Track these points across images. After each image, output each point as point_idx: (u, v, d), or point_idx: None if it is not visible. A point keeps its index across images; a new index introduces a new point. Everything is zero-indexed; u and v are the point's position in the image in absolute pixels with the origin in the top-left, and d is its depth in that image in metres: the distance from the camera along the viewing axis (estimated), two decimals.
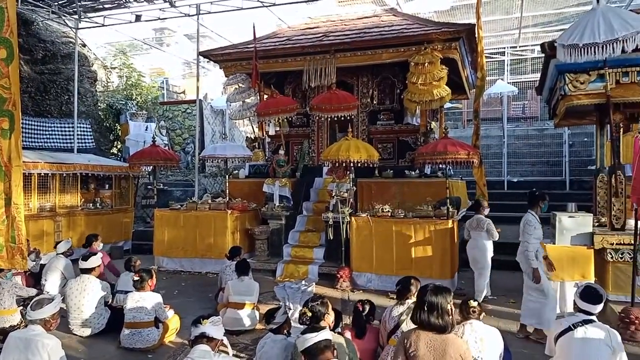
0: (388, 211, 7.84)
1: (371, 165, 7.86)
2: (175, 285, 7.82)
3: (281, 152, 9.86)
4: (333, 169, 8.01)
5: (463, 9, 13.23)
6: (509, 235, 9.88)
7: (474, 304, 3.76)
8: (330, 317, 3.70)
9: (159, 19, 13.30)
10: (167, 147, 14.34)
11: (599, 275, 6.29)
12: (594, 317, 3.69)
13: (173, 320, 5.38)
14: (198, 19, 11.36)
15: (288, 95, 10.63)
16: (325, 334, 3.01)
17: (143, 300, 5.07)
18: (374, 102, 10.34)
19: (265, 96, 10.43)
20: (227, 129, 16.55)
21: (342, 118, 8.71)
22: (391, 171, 9.29)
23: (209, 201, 9.29)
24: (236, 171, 10.83)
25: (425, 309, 2.94)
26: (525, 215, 5.59)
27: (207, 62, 13.99)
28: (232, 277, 5.89)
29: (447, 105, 17.10)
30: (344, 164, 7.65)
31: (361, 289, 7.52)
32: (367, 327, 4.22)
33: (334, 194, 8.00)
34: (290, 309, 4.73)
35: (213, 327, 3.37)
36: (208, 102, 16.59)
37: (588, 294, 3.66)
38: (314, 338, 2.95)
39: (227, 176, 9.62)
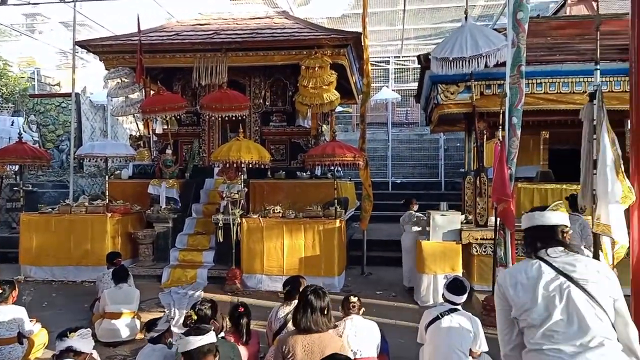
0: (279, 212, 7.91)
1: (263, 167, 7.87)
2: (44, 297, 7.10)
3: (169, 151, 9.44)
4: (224, 169, 7.87)
5: (353, 17, 13.80)
6: (394, 233, 10.56)
7: (353, 299, 3.94)
8: (217, 322, 3.63)
9: (29, 3, 11.97)
10: (37, 144, 12.95)
11: (466, 267, 6.97)
12: (459, 307, 4.08)
13: (40, 335, 4.87)
14: (75, 5, 10.44)
15: (177, 93, 10.21)
16: (210, 337, 2.86)
17: (3, 314, 4.53)
18: (267, 103, 10.36)
19: (152, 92, 9.91)
20: (108, 125, 15.43)
21: (234, 118, 8.59)
22: (283, 172, 9.38)
23: (86, 204, 8.57)
24: (118, 171, 10.14)
25: (304, 310, 3.00)
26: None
27: (87, 53, 12.90)
28: (110, 285, 5.51)
29: (338, 109, 17.71)
30: (235, 165, 7.55)
31: (251, 291, 7.49)
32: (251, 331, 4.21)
33: (224, 195, 7.85)
34: (173, 317, 4.55)
35: (81, 340, 3.12)
36: (87, 96, 15.31)
37: (453, 287, 4.03)
38: (198, 341, 2.78)
39: (107, 177, 8.96)
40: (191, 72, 9.29)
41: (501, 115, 6.08)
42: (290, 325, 4.00)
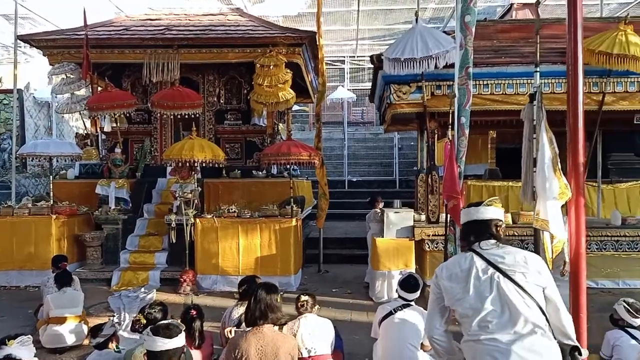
0: (234, 211, 7.82)
1: (218, 166, 7.76)
2: None
3: (118, 150, 9.12)
4: (177, 169, 7.68)
5: (309, 16, 13.81)
6: (350, 231, 10.69)
7: (304, 298, 3.97)
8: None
9: None
10: None
11: (419, 263, 7.15)
12: (411, 302, 4.18)
13: None
14: None
15: (126, 90, 9.88)
16: (179, 341, 2.65)
17: None
18: (221, 101, 10.21)
19: (99, 89, 9.55)
20: (53, 123, 14.72)
21: (187, 116, 8.42)
22: (239, 171, 9.29)
23: (29, 205, 8.16)
24: (64, 171, 9.71)
25: (254, 306, 2.97)
26: None
27: (30, 47, 12.26)
28: (54, 289, 5.27)
29: (295, 107, 17.70)
30: (188, 164, 7.40)
31: (206, 292, 7.37)
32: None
33: (177, 195, 7.68)
34: (120, 321, 4.41)
35: (21, 348, 2.97)
36: (30, 93, 14.53)
37: (405, 284, 4.15)
38: (166, 344, 2.56)
39: (52, 177, 8.55)
40: (141, 68, 9.03)
41: (451, 115, 6.28)
42: (244, 326, 3.97)
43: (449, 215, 6.16)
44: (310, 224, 10.88)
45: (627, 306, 3.94)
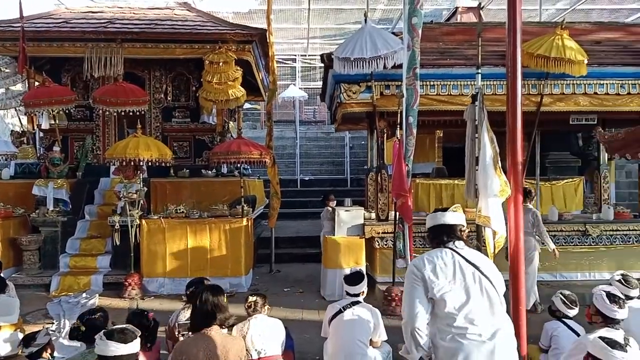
0: (182, 212, 7.63)
1: (165, 164, 7.53)
2: None
3: (56, 148, 8.62)
4: (121, 168, 7.39)
5: (260, 13, 13.66)
6: (302, 230, 10.69)
7: (252, 299, 3.92)
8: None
9: None
10: None
11: (369, 260, 7.24)
12: (360, 299, 4.22)
13: None
14: None
15: (66, 85, 9.40)
16: (133, 347, 2.52)
17: None
18: (168, 98, 9.92)
19: (37, 84, 9.03)
20: None
21: (131, 113, 8.11)
22: (187, 170, 9.07)
23: None
24: None
25: (200, 308, 2.89)
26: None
27: None
28: None
29: (247, 105, 17.48)
30: (132, 163, 7.13)
31: (152, 296, 7.14)
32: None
33: (121, 195, 7.39)
34: (60, 328, 4.18)
35: None
36: None
37: (348, 278, 4.21)
38: (119, 349, 2.44)
39: None
40: (82, 63, 8.62)
41: (399, 115, 6.40)
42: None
43: (397, 213, 6.28)
44: (262, 224, 10.79)
45: (563, 298, 4.15)
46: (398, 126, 6.46)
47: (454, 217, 2.65)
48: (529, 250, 6.00)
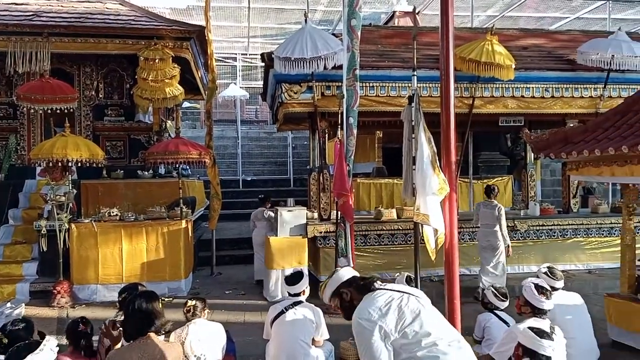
0: (116, 215, 7.28)
1: (97, 165, 7.16)
2: None
3: None
4: (48, 169, 6.95)
5: (199, 9, 13.30)
6: (244, 231, 10.53)
7: (191, 303, 3.81)
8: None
9: None
10: None
11: (312, 260, 7.28)
12: (301, 299, 4.22)
13: None
14: None
15: None
16: (47, 356, 2.49)
17: None
18: (100, 95, 9.43)
19: None
20: None
21: (59, 111, 7.63)
22: (122, 171, 8.68)
23: None
24: None
25: (132, 316, 2.77)
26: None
27: None
28: None
29: (186, 104, 17.00)
30: (60, 164, 6.73)
31: (84, 303, 6.77)
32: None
33: (48, 198, 6.95)
34: None
35: None
36: None
37: (288, 278, 4.22)
38: (31, 356, 2.41)
39: None
40: (5, 57, 8.00)
41: (340, 116, 6.47)
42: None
43: (339, 212, 6.35)
44: (202, 226, 10.54)
45: (494, 291, 4.37)
46: (339, 126, 6.53)
47: (347, 272, 2.65)
48: (496, 242, 6.55)
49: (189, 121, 18.21)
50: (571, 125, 7.17)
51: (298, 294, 4.14)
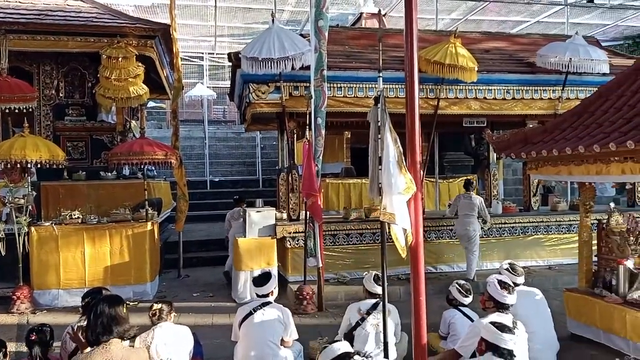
0: (78, 217, 7.07)
1: (58, 166, 6.93)
2: None
3: None
4: (5, 170, 6.71)
5: (164, 7, 13.04)
6: (213, 233, 10.42)
7: (157, 306, 3.75)
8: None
9: None
10: None
11: (281, 260, 7.26)
12: (270, 299, 4.22)
13: None
14: None
15: None
16: None
17: None
18: (61, 94, 9.14)
19: None
20: None
21: (17, 110, 7.35)
22: (84, 173, 8.46)
23: None
24: None
25: (94, 321, 2.70)
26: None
27: None
28: None
29: (151, 104, 16.67)
30: (19, 165, 6.49)
31: (45, 309, 6.55)
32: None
33: (6, 200, 6.69)
34: None
35: None
36: None
37: (255, 279, 4.22)
38: None
39: None
40: None
41: (308, 116, 6.49)
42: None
43: (308, 213, 6.36)
44: (169, 228, 10.36)
45: (459, 287, 4.48)
46: (307, 127, 6.54)
47: (343, 346, 2.68)
48: (474, 232, 7.12)
49: (154, 121, 17.85)
50: (531, 126, 7.41)
51: (266, 295, 4.13)
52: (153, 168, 9.74)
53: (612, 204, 6.54)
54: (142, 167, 7.72)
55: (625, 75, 4.95)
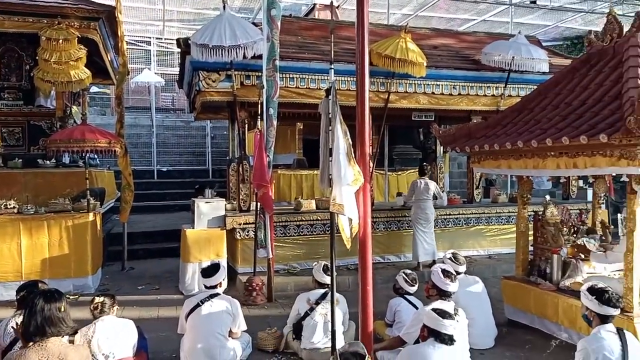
0: (14, 207, 6.68)
1: None
2: None
3: None
4: None
5: None
6: (160, 224, 10.14)
7: (99, 299, 3.62)
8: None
9: None
10: None
11: (231, 252, 7.19)
12: (218, 291, 4.18)
13: None
14: None
15: None
16: None
17: None
18: None
19: None
20: None
21: None
22: (20, 160, 7.96)
23: None
24: None
25: (30, 316, 2.56)
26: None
27: None
28: None
29: (95, 89, 15.91)
30: None
31: None
32: None
33: None
34: None
35: None
36: None
37: (203, 271, 4.17)
38: None
39: None
40: None
41: (260, 106, 6.42)
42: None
43: (259, 204, 6.32)
44: (113, 218, 9.98)
45: (405, 277, 4.61)
46: (259, 117, 6.48)
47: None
48: (432, 214, 7.56)
49: (98, 107, 17.05)
50: (475, 121, 7.69)
51: (215, 286, 4.09)
52: (96, 156, 9.33)
53: (547, 197, 6.92)
54: (83, 155, 7.37)
55: (562, 74, 5.23)
